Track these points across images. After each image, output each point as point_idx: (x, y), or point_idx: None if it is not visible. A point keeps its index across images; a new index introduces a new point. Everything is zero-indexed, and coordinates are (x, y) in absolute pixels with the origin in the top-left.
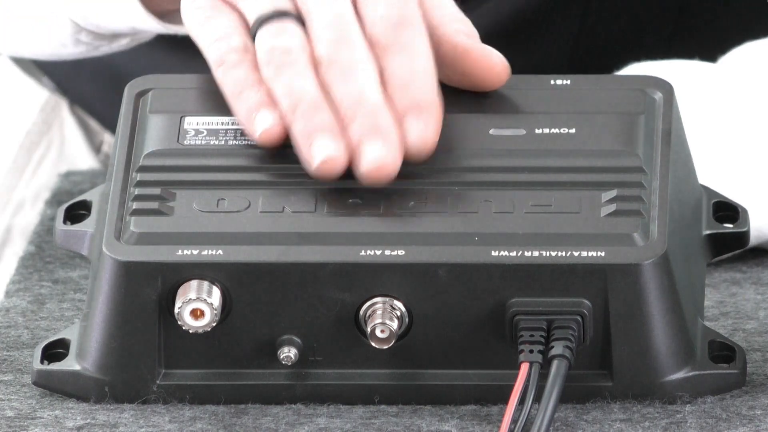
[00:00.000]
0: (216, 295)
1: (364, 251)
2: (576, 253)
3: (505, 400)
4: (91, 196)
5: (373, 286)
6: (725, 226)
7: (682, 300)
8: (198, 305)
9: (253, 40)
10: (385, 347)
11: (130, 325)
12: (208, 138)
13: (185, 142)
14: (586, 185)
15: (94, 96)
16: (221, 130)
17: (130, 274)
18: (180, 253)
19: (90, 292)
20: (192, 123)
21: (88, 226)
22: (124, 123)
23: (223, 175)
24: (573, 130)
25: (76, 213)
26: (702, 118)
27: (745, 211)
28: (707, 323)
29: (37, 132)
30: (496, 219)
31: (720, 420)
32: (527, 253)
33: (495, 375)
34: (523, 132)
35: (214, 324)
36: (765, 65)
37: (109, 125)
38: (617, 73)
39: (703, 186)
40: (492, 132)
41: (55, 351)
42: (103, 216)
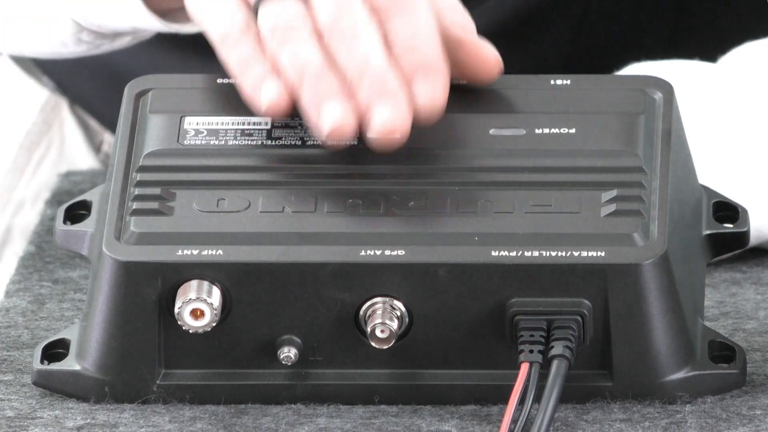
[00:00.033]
0: (216, 295)
1: (364, 251)
2: (576, 253)
3: (505, 400)
4: (91, 196)
5: (373, 286)
6: (725, 226)
7: (682, 300)
8: (198, 305)
9: (255, 18)
10: (385, 347)
11: (130, 325)
12: (208, 138)
13: (185, 142)
14: (586, 185)
15: (94, 95)
16: (221, 130)
17: (130, 274)
18: (180, 253)
19: (90, 292)
20: (192, 123)
21: (88, 226)
22: (124, 123)
23: (223, 175)
24: (573, 130)
25: (76, 213)
26: (702, 118)
27: (745, 211)
28: (707, 323)
29: (37, 132)
30: (496, 219)
31: (720, 420)
32: (527, 253)
33: (495, 375)
34: (523, 132)
35: (214, 324)
36: (765, 65)
37: (109, 125)
38: (617, 73)
39: (703, 186)
40: (492, 132)
41: (55, 351)
42: (103, 216)
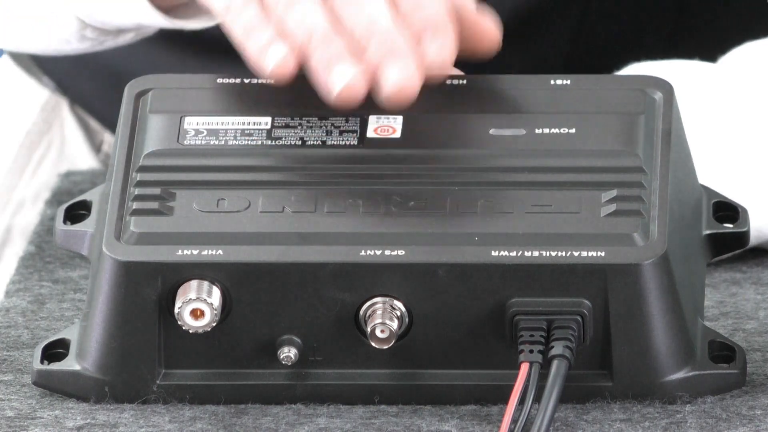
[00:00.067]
0: (216, 295)
1: (364, 251)
2: (576, 253)
3: (505, 400)
4: (91, 196)
5: (373, 286)
6: (725, 226)
7: (682, 300)
8: (198, 305)
9: None
10: (385, 347)
11: (130, 325)
12: (208, 138)
13: (185, 142)
14: (586, 185)
15: (95, 95)
16: (221, 130)
17: (130, 274)
18: (180, 253)
19: (90, 292)
20: (192, 123)
21: (88, 226)
22: (124, 123)
23: (223, 175)
24: (573, 130)
25: (76, 213)
26: (702, 118)
27: (745, 211)
28: (707, 323)
29: (37, 132)
30: (496, 219)
31: (720, 420)
32: (527, 253)
33: (495, 375)
34: (523, 132)
35: (214, 324)
36: (765, 65)
37: (109, 125)
38: (617, 73)
39: (703, 186)
40: (492, 132)
41: (55, 351)
42: (103, 216)
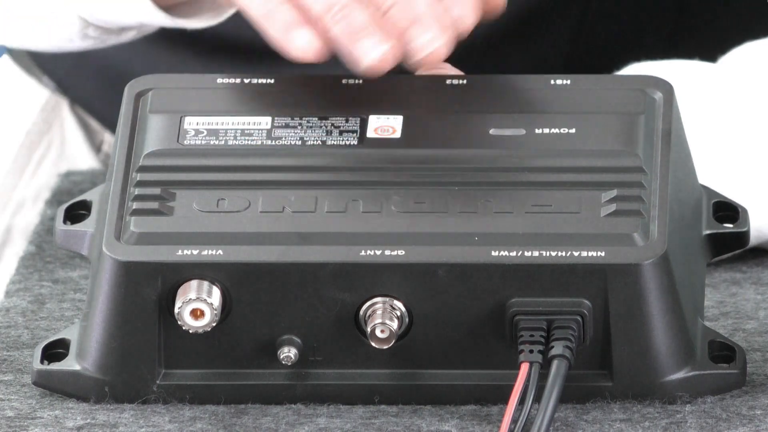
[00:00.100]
0: (216, 295)
1: (364, 251)
2: (576, 253)
3: (505, 400)
4: (91, 196)
5: (373, 286)
6: (725, 226)
7: (682, 300)
8: (198, 305)
9: None
10: (385, 347)
11: (130, 325)
12: (208, 138)
13: (185, 142)
14: (586, 185)
15: (94, 95)
16: (221, 130)
17: (130, 274)
18: (180, 253)
19: (90, 292)
20: (192, 123)
21: (88, 226)
22: (124, 123)
23: (223, 175)
24: (573, 130)
25: (76, 213)
26: (702, 118)
27: (745, 211)
28: (707, 323)
29: (38, 132)
30: (496, 219)
31: (720, 420)
32: (527, 253)
33: (495, 375)
34: (523, 132)
35: (214, 324)
36: (765, 65)
37: (110, 125)
38: (617, 73)
39: (703, 186)
40: (492, 132)
41: (55, 351)
42: (103, 216)
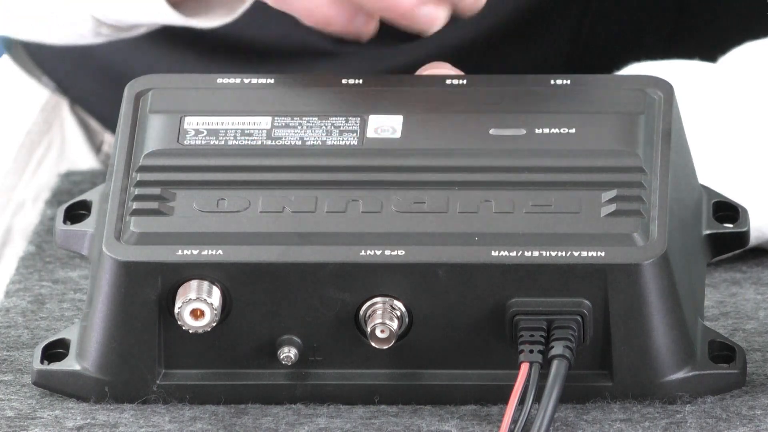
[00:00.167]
0: (216, 295)
1: (364, 251)
2: (576, 253)
3: (505, 400)
4: (91, 196)
5: (373, 286)
6: (725, 226)
7: (682, 300)
8: (198, 305)
9: None
10: (385, 347)
11: (130, 325)
12: (208, 138)
13: (185, 142)
14: (586, 185)
15: (95, 95)
16: (221, 130)
17: (130, 274)
18: (180, 253)
19: (90, 292)
20: (192, 123)
21: (88, 226)
22: (124, 123)
23: (223, 175)
24: (573, 130)
25: (76, 213)
26: (702, 118)
27: (745, 211)
28: (707, 323)
29: (38, 132)
30: (496, 219)
31: (720, 420)
32: (527, 253)
33: (495, 375)
34: (523, 132)
35: (214, 324)
36: (765, 65)
37: (110, 125)
38: (617, 73)
39: (703, 186)
40: (492, 132)
41: (55, 351)
42: (103, 216)
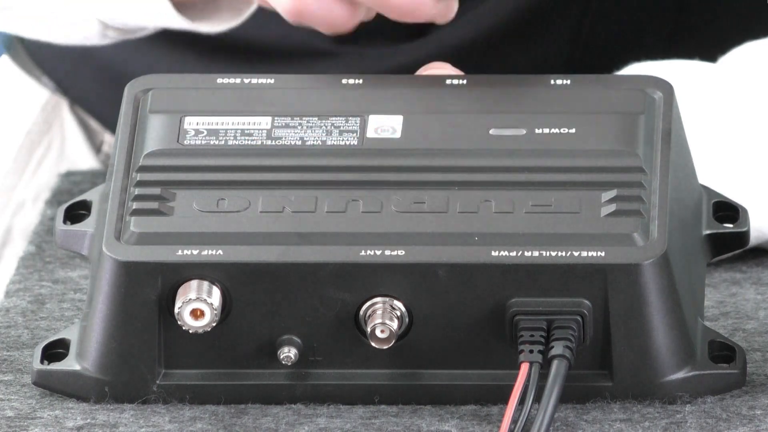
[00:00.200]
0: (216, 295)
1: (364, 251)
2: (576, 253)
3: (505, 400)
4: (91, 196)
5: (373, 286)
6: (725, 226)
7: (682, 300)
8: (198, 305)
9: None
10: (385, 347)
11: (130, 325)
12: (208, 138)
13: (185, 142)
14: (586, 185)
15: (94, 95)
16: (221, 130)
17: (130, 274)
18: (180, 253)
19: (90, 292)
20: (192, 123)
21: (88, 226)
22: (124, 123)
23: (223, 175)
24: (573, 130)
25: (76, 213)
26: (702, 118)
27: (745, 211)
28: (707, 323)
29: (38, 132)
30: (496, 219)
31: (720, 420)
32: (527, 253)
33: (495, 375)
34: (523, 132)
35: (214, 324)
36: (765, 65)
37: (109, 125)
38: (617, 73)
39: (703, 186)
40: (492, 132)
41: (55, 351)
42: (103, 216)
